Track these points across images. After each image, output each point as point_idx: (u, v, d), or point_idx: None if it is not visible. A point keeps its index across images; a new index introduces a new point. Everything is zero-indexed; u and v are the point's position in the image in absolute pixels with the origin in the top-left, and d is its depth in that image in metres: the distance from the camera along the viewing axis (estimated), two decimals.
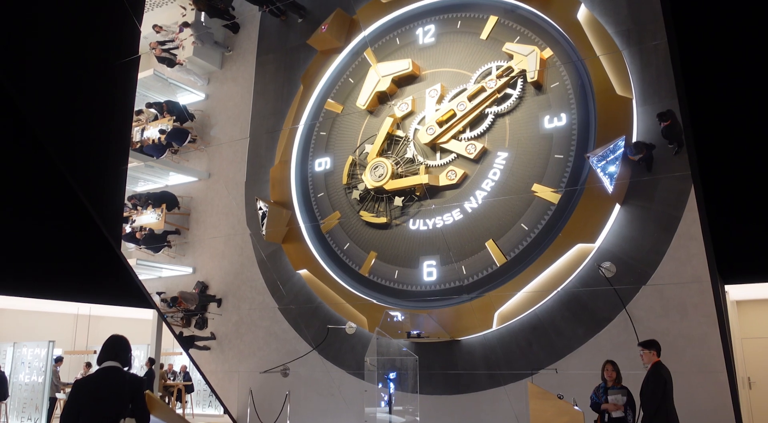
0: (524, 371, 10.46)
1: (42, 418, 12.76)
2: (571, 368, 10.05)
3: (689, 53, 9.46)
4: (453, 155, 11.94)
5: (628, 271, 9.97)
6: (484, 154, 11.65)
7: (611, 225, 10.19)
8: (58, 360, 13.97)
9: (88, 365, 16.59)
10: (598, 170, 10.08)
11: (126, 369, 4.47)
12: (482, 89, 11.72)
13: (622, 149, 9.96)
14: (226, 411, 13.83)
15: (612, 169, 10.01)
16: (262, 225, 13.65)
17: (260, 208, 13.73)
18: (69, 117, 12.05)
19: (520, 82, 11.49)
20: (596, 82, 10.77)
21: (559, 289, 10.43)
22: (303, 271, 13.33)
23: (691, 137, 9.38)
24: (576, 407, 6.70)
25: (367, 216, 12.64)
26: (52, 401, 13.15)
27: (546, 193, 10.87)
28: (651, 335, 8.14)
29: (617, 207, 10.18)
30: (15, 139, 10.93)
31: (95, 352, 16.89)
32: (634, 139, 10.14)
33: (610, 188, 10.02)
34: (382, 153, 12.63)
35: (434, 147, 12.18)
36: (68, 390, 13.71)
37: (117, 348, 4.46)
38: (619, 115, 10.47)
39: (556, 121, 11.07)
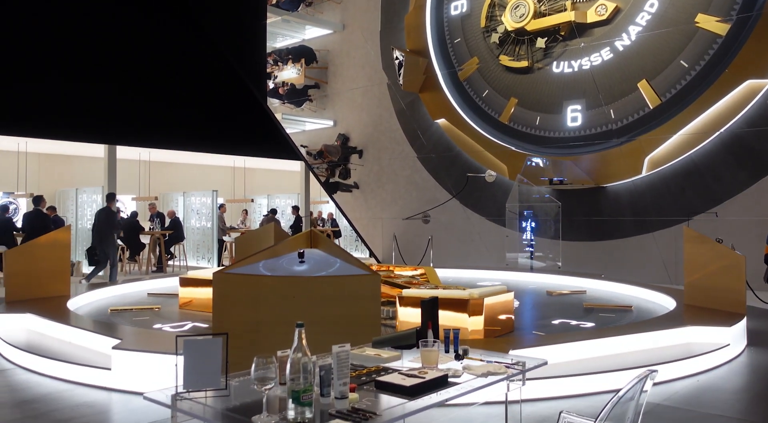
0: (675, 217, 10.05)
1: (214, 257, 14.38)
2: (729, 215, 9.50)
3: None
4: None
5: None
6: None
7: None
8: (221, 206, 15.38)
9: (246, 212, 18.18)
10: None
11: None
12: None
13: None
14: (372, 254, 14.80)
15: None
16: (399, 74, 13.54)
17: (396, 58, 13.55)
18: None
19: None
20: None
21: (722, 130, 9.61)
22: (441, 120, 13.28)
23: None
24: (737, 252, 6.35)
25: (506, 60, 12.07)
26: (220, 243, 14.68)
27: (711, 23, 9.68)
28: None
29: None
30: (170, 14, 11.42)
31: (252, 200, 18.48)
32: None
33: None
34: None
35: None
36: (232, 233, 15.27)
37: None
38: None
39: None
